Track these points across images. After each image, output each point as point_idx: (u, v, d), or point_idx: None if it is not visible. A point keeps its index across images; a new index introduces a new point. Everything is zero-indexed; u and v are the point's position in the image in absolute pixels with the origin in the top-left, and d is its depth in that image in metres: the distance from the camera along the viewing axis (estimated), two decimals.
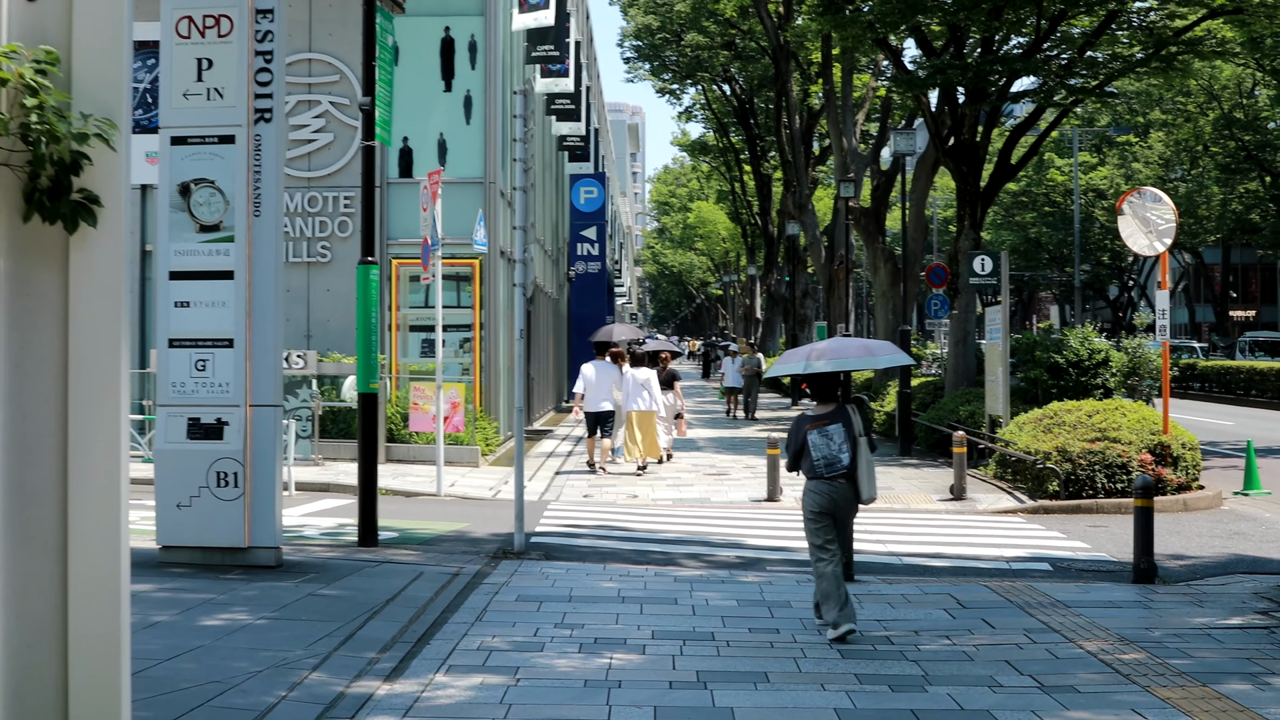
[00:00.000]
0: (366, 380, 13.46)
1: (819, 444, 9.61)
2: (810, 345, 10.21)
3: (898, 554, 13.97)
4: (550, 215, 38.53)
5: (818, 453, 9.60)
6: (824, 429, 9.64)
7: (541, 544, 14.19)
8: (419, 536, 14.49)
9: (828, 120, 37.66)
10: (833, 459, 9.59)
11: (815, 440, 9.62)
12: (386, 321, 25.37)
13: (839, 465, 9.58)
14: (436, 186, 18.71)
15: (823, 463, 9.59)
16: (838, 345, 10.21)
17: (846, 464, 9.58)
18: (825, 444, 9.60)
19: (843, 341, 10.40)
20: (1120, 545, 14.85)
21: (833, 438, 9.59)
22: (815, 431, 9.65)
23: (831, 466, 9.59)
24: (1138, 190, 19.76)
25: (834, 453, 9.58)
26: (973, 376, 27.11)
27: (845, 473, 9.59)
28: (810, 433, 9.65)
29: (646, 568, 12.51)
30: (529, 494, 19.09)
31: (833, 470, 9.59)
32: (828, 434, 9.61)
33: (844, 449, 9.58)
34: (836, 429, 9.62)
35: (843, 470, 9.58)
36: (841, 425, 9.63)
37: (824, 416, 9.70)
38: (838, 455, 9.58)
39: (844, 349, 10.11)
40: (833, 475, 9.59)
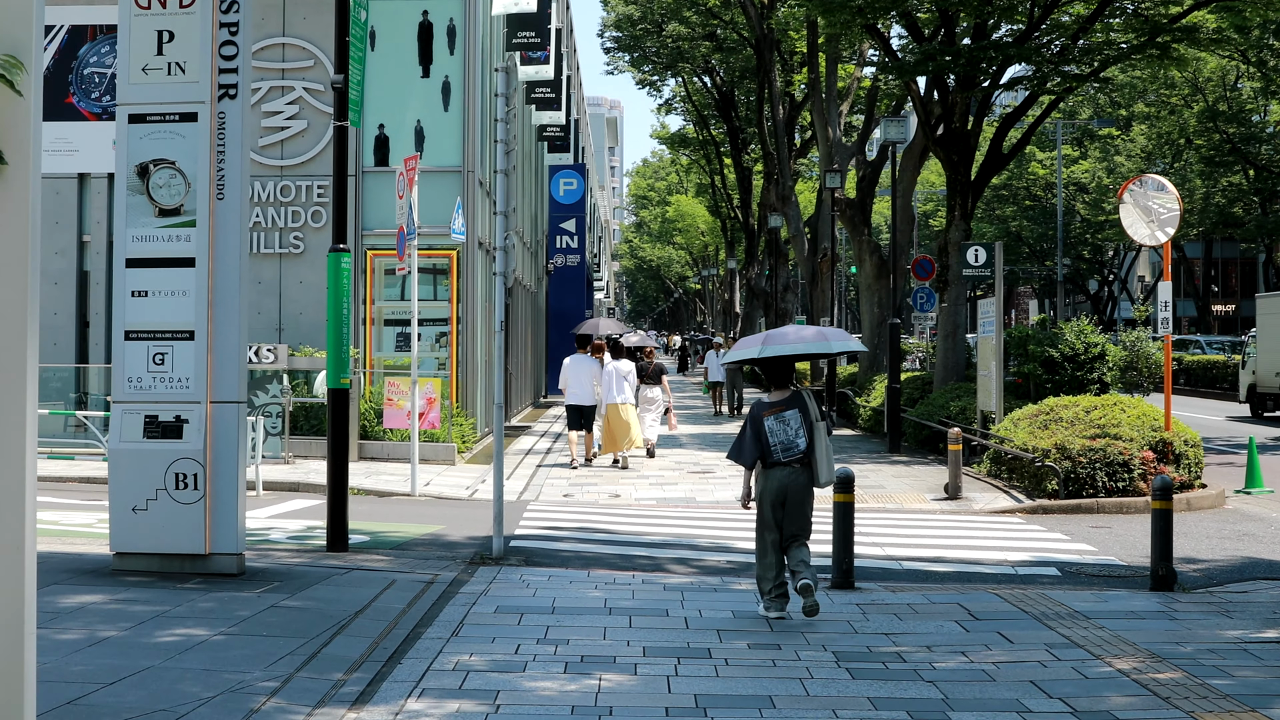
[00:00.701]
0: (337, 375, 12.70)
1: (776, 429, 9.79)
2: (764, 332, 10.40)
3: (896, 558, 13.28)
4: (529, 207, 37.76)
5: (775, 438, 9.78)
6: (780, 415, 9.82)
7: (521, 548, 13.46)
8: (392, 540, 13.75)
9: (812, 110, 36.98)
10: (790, 443, 9.78)
11: (773, 426, 9.80)
12: (361, 315, 24.60)
13: (796, 449, 9.79)
14: (413, 173, 17.96)
15: (780, 448, 9.77)
16: (790, 331, 10.47)
17: (803, 448, 9.79)
18: (782, 429, 9.78)
19: (796, 328, 10.62)
20: (1127, 547, 14.20)
21: (789, 423, 9.78)
22: (772, 417, 9.82)
23: (789, 450, 9.78)
24: (1139, 178, 19.11)
25: (791, 437, 9.78)
26: (962, 371, 26.45)
27: (802, 457, 9.80)
28: (767, 418, 9.83)
29: (633, 574, 11.79)
30: (507, 493, 18.31)
31: (790, 454, 9.78)
32: (784, 419, 9.79)
33: (800, 434, 9.79)
34: (793, 414, 9.82)
35: (799, 454, 9.79)
36: (798, 410, 9.84)
37: (780, 403, 9.90)
38: (794, 440, 9.78)
39: (796, 334, 10.39)
40: (790, 459, 9.78)
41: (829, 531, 11.43)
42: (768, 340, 10.16)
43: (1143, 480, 17.60)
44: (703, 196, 79.76)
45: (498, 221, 12.57)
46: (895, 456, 23.36)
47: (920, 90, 27.58)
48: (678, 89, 62.12)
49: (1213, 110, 55.22)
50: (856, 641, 8.93)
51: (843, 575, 11.10)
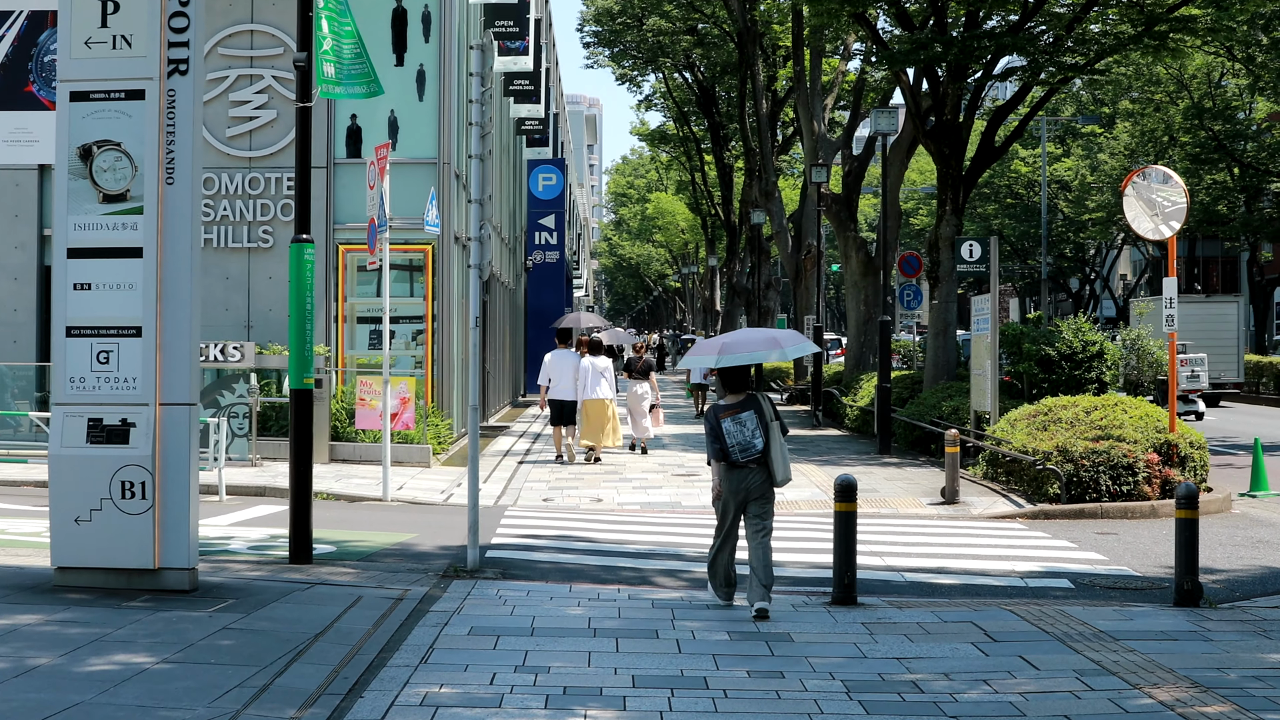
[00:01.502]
0: (300, 375, 11.84)
1: (733, 431, 10.06)
2: (719, 338, 10.64)
3: (897, 569, 12.48)
4: (508, 202, 36.89)
5: (732, 439, 10.05)
6: (737, 416, 10.10)
7: (498, 559, 12.61)
8: (360, 551, 12.89)
9: (797, 104, 36.19)
10: (747, 444, 10.05)
11: (729, 427, 10.07)
12: (333, 312, 23.74)
13: (753, 450, 10.05)
14: (384, 162, 17.10)
15: (737, 448, 10.04)
16: (744, 337, 10.74)
17: (760, 449, 10.05)
18: (739, 430, 10.06)
19: (749, 333, 10.94)
20: (1139, 556, 13.44)
21: (745, 424, 10.07)
22: (729, 419, 10.10)
23: (746, 451, 10.05)
24: (1143, 170, 18.37)
25: (748, 438, 10.04)
26: (954, 370, 25.70)
27: (758, 457, 10.06)
28: (724, 420, 10.10)
29: (618, 588, 10.96)
30: (484, 498, 17.49)
31: (747, 455, 10.06)
32: (741, 421, 10.08)
33: (757, 434, 10.05)
34: (749, 416, 10.10)
35: (756, 455, 10.06)
36: (753, 412, 10.12)
37: (736, 405, 10.17)
38: (751, 440, 10.04)
39: (750, 341, 10.64)
40: (747, 460, 10.06)
41: (829, 542, 10.61)
42: (724, 349, 10.39)
43: (1147, 484, 16.87)
44: (683, 194, 78.91)
45: (472, 211, 11.74)
46: (886, 458, 22.57)
47: (910, 82, 26.81)
48: (658, 85, 61.31)
49: (1198, 107, 54.58)
50: (867, 668, 8.12)
51: (845, 590, 10.29)
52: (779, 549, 13.53)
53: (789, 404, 38.93)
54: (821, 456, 23.00)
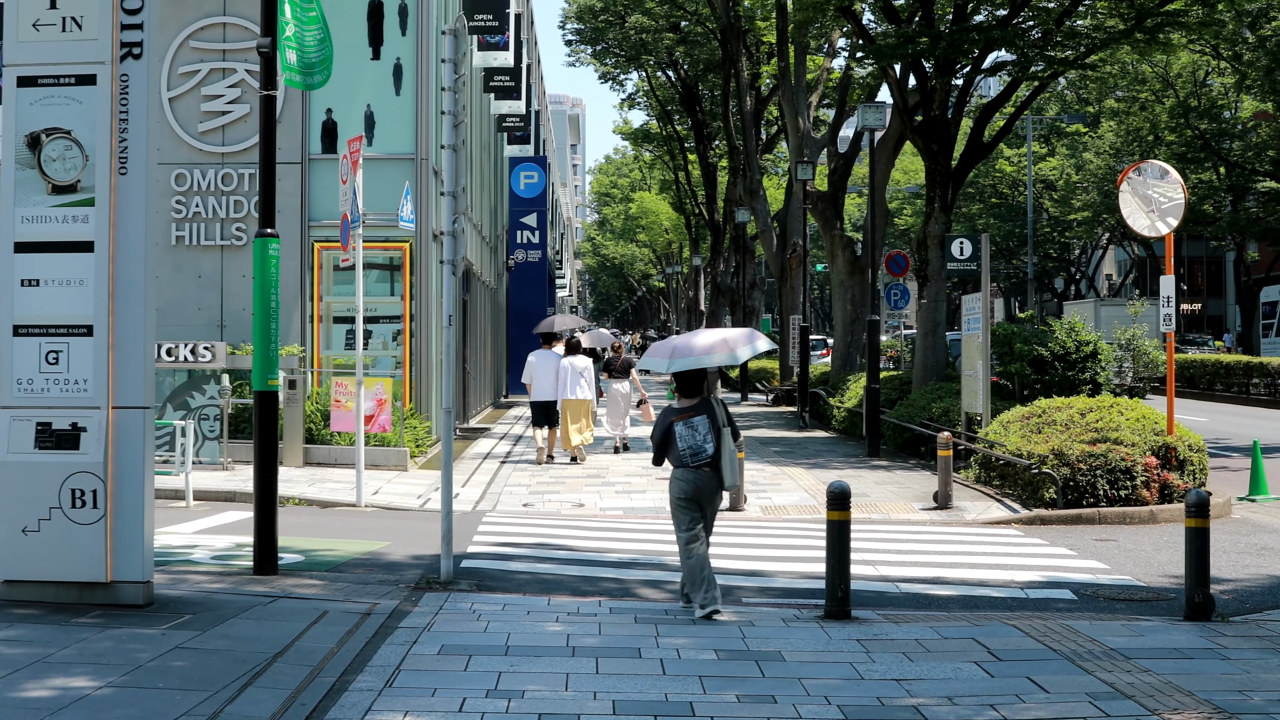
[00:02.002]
0: (264, 376, 11.26)
1: (685, 435, 10.14)
2: (671, 340, 10.70)
3: (891, 579, 11.94)
4: (488, 200, 36.30)
5: (684, 443, 10.13)
6: (689, 420, 10.19)
7: (474, 569, 12.04)
8: (328, 560, 12.31)
9: (782, 100, 35.67)
10: (698, 449, 10.12)
11: (682, 431, 10.15)
12: (309, 311, 23.14)
13: (704, 454, 10.11)
14: (357, 156, 16.54)
15: (689, 452, 10.11)
16: (694, 340, 10.61)
17: (711, 453, 10.11)
18: (691, 435, 10.13)
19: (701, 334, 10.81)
20: (1141, 564, 12.93)
21: (698, 429, 10.14)
22: (682, 423, 10.19)
23: (697, 455, 10.11)
24: (1139, 165, 17.87)
25: (699, 443, 10.12)
26: (943, 370, 25.19)
27: (710, 461, 10.11)
28: (677, 424, 10.19)
29: (599, 601, 10.40)
30: (461, 503, 16.97)
31: (698, 459, 10.11)
32: (693, 425, 10.15)
33: (708, 439, 10.12)
34: (701, 420, 10.18)
35: (707, 459, 10.11)
36: (706, 417, 10.20)
37: (689, 409, 10.26)
38: (703, 445, 10.11)
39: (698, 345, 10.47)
40: (698, 464, 10.11)
41: (819, 549, 10.07)
42: (674, 352, 10.40)
43: (1145, 488, 16.36)
44: (666, 193, 78.39)
45: (445, 204, 11.18)
46: (875, 461, 22.04)
47: (897, 77, 26.29)
48: (641, 83, 60.79)
49: (1184, 105, 54.20)
50: (864, 691, 7.57)
51: (838, 604, 9.74)
52: (767, 557, 13.01)
53: (774, 404, 38.41)
54: (809, 459, 22.47)
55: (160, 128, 23.13)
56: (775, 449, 24.34)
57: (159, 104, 23.13)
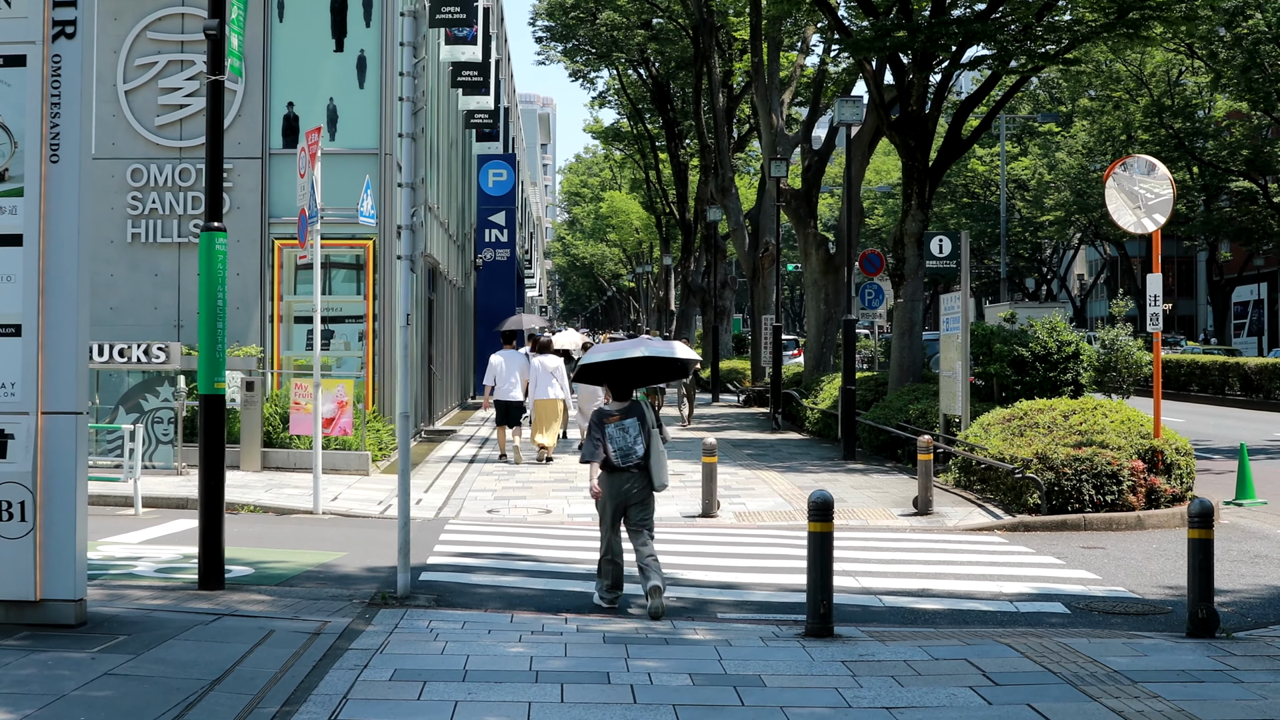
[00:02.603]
0: (210, 378, 10.61)
1: (616, 436, 10.33)
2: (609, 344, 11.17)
3: (874, 591, 11.35)
4: (456, 198, 35.62)
5: (614, 444, 10.32)
6: (620, 423, 10.39)
7: (433, 583, 11.39)
8: (279, 573, 11.64)
9: (755, 96, 35.06)
10: (628, 450, 10.33)
11: (613, 433, 10.34)
12: (269, 311, 22.45)
13: (634, 455, 10.33)
14: (315, 148, 15.89)
15: (619, 454, 10.30)
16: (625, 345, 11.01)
17: (641, 454, 10.33)
18: (622, 436, 10.33)
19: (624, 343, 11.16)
20: (1133, 574, 12.39)
21: (629, 430, 10.35)
22: (613, 425, 10.38)
23: (627, 457, 10.32)
24: (1124, 160, 17.34)
25: (630, 444, 10.33)
26: (919, 371, 24.64)
27: (640, 463, 10.32)
28: (608, 426, 10.37)
29: (565, 618, 9.77)
30: (423, 510, 16.34)
31: (628, 460, 10.31)
32: (624, 427, 10.36)
33: (639, 441, 10.34)
34: (632, 422, 10.40)
35: (638, 460, 10.32)
36: (636, 419, 10.42)
37: (620, 411, 10.46)
38: (633, 446, 10.33)
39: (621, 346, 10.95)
40: (628, 465, 10.30)
41: (797, 560, 9.47)
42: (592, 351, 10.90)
43: (1132, 493, 15.84)
44: (637, 192, 77.83)
45: (403, 195, 10.56)
46: (851, 464, 21.47)
47: (873, 70, 25.74)
48: (612, 81, 60.26)
49: (1159, 104, 53.88)
50: None
51: (821, 621, 9.13)
52: (743, 567, 12.41)
53: (745, 405, 37.85)
54: (783, 462, 21.89)
55: (116, 121, 22.46)
56: (748, 451, 23.76)
57: (114, 95, 22.43)
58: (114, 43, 22.54)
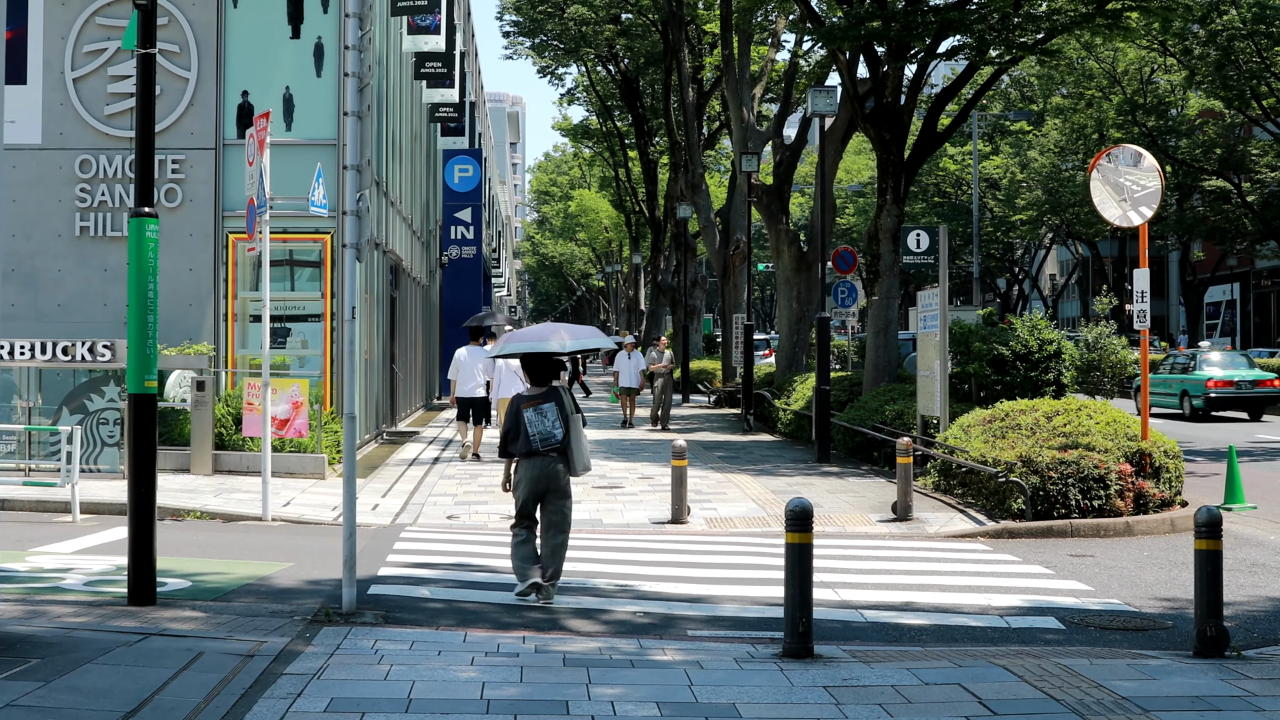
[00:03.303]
0: (140, 376, 9.80)
1: (534, 421, 10.48)
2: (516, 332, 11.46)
3: (855, 605, 10.63)
4: (420, 194, 34.81)
5: (533, 429, 10.46)
6: (539, 407, 10.53)
7: (382, 597, 10.61)
8: (217, 587, 10.84)
9: (726, 90, 34.36)
10: (547, 434, 10.47)
11: (531, 417, 10.49)
12: (222, 308, 21.62)
13: (553, 440, 10.48)
14: (264, 134, 15.11)
15: (538, 438, 10.45)
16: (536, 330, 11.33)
17: (560, 439, 10.50)
18: (540, 421, 10.47)
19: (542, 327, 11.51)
20: (1126, 585, 11.72)
21: (546, 415, 10.49)
22: (531, 409, 10.52)
23: (547, 441, 10.47)
24: (1110, 151, 16.70)
25: (549, 428, 10.47)
26: (895, 371, 23.98)
27: (558, 447, 10.48)
28: (526, 410, 10.51)
29: (523, 636, 9.02)
30: (380, 515, 15.58)
31: (547, 444, 10.47)
32: (542, 411, 10.50)
33: (557, 425, 10.49)
34: (550, 407, 10.55)
35: (556, 444, 10.49)
36: (554, 404, 10.57)
37: (538, 396, 10.62)
38: (552, 431, 10.48)
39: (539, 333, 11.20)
40: (547, 449, 10.46)
41: (772, 570, 8.75)
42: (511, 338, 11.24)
43: (1120, 498, 15.20)
44: (606, 190, 77.06)
45: (348, 178, 9.80)
46: (826, 467, 20.77)
47: (847, 61, 25.04)
48: (580, 78, 59.48)
49: (1131, 102, 53.38)
50: None
51: (799, 640, 8.40)
52: (713, 578, 11.67)
53: (716, 406, 37.15)
54: (755, 465, 21.18)
55: (64, 110, 21.62)
56: (719, 454, 23.05)
57: (62, 83, 21.60)
58: (61, 28, 21.71)
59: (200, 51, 21.71)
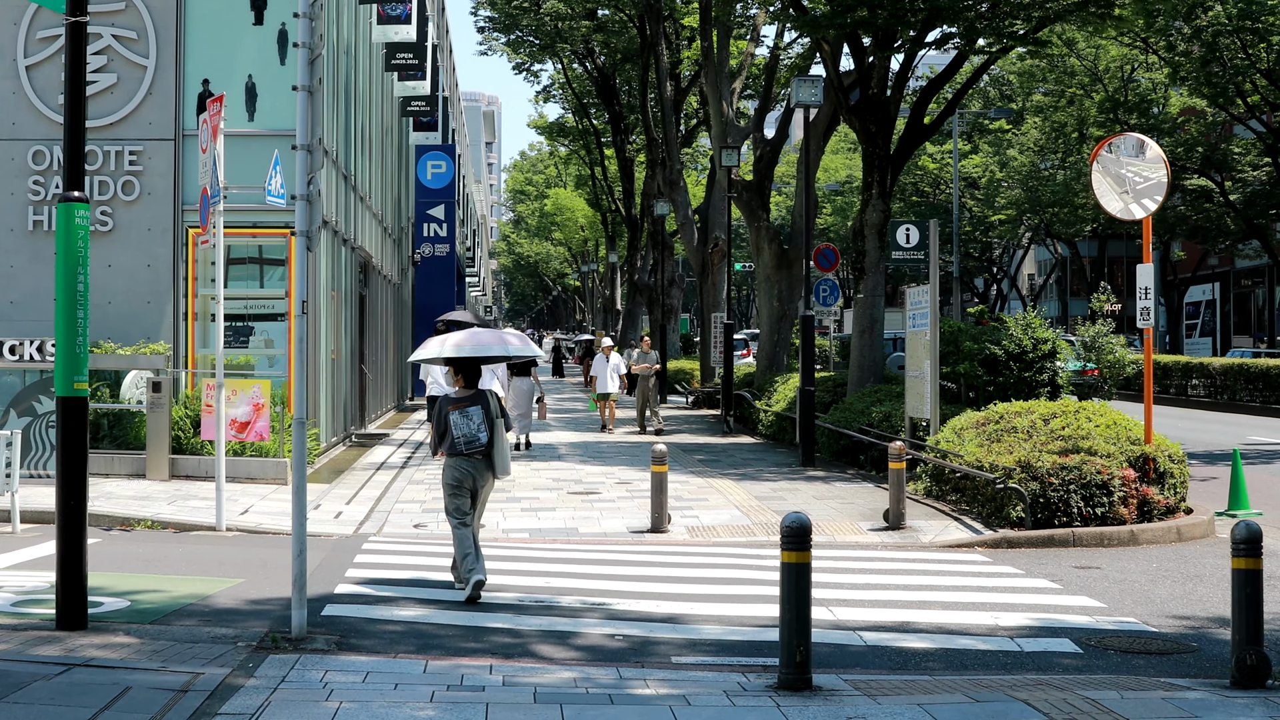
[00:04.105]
0: (69, 377, 8.89)
1: (460, 423, 10.62)
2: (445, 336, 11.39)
3: (851, 625, 9.80)
4: (391, 190, 33.88)
5: (459, 430, 10.60)
6: (464, 410, 10.69)
7: (336, 619, 9.71)
8: (157, 607, 9.92)
9: (705, 83, 33.53)
10: (472, 437, 10.61)
11: (456, 420, 10.63)
12: (182, 306, 20.68)
13: (478, 443, 10.62)
14: (218, 119, 14.20)
15: (463, 440, 10.59)
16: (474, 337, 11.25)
17: (484, 441, 10.64)
18: (465, 423, 10.61)
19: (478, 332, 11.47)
20: (1140, 601, 10.93)
21: (472, 418, 10.65)
22: (456, 412, 10.66)
23: (471, 443, 10.61)
24: (1111, 140, 15.93)
25: (473, 431, 10.61)
26: (880, 371, 23.18)
27: (483, 449, 10.64)
28: (452, 413, 10.66)
29: (489, 665, 8.15)
30: (343, 524, 14.73)
31: (472, 447, 10.61)
32: (468, 414, 10.65)
33: (482, 428, 10.64)
34: (475, 410, 10.70)
35: (481, 447, 10.63)
36: (480, 407, 10.72)
37: (464, 399, 10.77)
38: (476, 434, 10.61)
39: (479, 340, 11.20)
40: (471, 451, 10.62)
41: (761, 586, 7.93)
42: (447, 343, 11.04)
43: (1123, 505, 14.41)
44: (582, 189, 76.20)
45: (298, 159, 8.97)
46: (811, 471, 19.94)
47: (830, 51, 24.21)
48: (556, 75, 58.59)
49: (1114, 100, 52.74)
50: None
51: (796, 670, 7.57)
52: (697, 594, 10.78)
53: (694, 407, 36.31)
54: (737, 469, 20.35)
55: (16, 99, 20.67)
56: (699, 457, 22.22)
57: (14, 71, 20.65)
58: (13, 14, 20.73)
59: (159, 38, 20.76)
